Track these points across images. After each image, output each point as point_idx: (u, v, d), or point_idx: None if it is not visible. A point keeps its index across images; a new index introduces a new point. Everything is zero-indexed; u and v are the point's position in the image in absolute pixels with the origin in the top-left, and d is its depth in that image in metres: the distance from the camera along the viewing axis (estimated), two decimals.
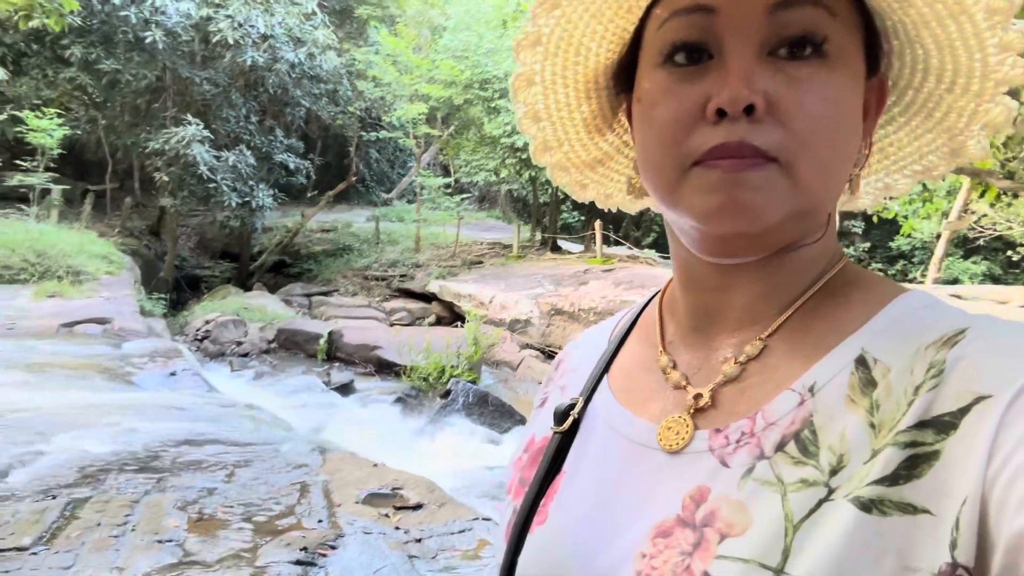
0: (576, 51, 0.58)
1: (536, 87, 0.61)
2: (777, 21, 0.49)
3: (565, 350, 0.77)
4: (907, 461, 0.44)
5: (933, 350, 0.47)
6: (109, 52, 16.31)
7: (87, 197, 18.91)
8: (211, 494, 4.82)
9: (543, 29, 0.56)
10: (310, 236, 20.99)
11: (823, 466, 0.47)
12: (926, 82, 0.57)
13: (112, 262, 14.28)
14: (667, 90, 0.51)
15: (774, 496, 0.47)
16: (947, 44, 0.53)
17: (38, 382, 7.98)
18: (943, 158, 0.60)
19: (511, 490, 0.68)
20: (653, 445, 0.56)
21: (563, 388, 0.71)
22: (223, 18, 16.03)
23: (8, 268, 12.72)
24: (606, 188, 0.70)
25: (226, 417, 7.12)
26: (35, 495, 4.65)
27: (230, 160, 16.41)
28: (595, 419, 0.63)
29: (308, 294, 17.12)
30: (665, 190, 0.53)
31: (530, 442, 0.69)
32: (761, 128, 0.48)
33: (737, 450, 0.51)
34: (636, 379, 0.63)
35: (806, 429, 0.49)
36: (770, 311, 0.56)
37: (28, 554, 3.67)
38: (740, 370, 0.55)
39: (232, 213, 16.95)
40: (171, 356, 9.80)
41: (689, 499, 0.51)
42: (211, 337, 12.93)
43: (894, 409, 0.46)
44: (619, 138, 0.67)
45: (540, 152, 0.65)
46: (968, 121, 0.56)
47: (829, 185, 0.52)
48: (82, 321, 11.34)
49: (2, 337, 10.29)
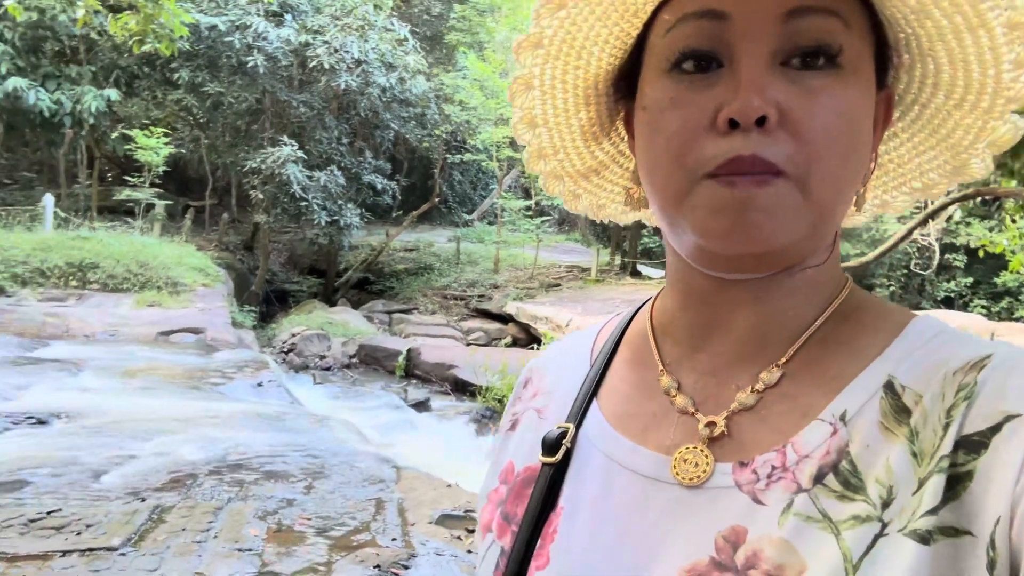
0: (578, 55, 0.56)
1: (534, 91, 0.59)
2: (791, 29, 0.47)
3: (532, 368, 0.71)
4: (947, 484, 0.43)
5: (961, 375, 0.46)
6: (214, 75, 17.22)
7: (188, 212, 19.93)
8: (290, 505, 4.92)
9: (545, 31, 0.54)
10: (393, 255, 21.45)
11: (874, 499, 0.45)
12: (935, 97, 0.55)
13: (208, 275, 14.94)
14: (675, 98, 0.49)
15: (822, 533, 0.45)
16: (961, 59, 0.51)
17: (135, 388, 8.39)
18: (945, 175, 0.58)
19: (492, 527, 0.62)
20: (667, 479, 0.52)
21: (540, 411, 0.66)
22: (320, 44, 16.68)
23: (113, 277, 13.49)
24: (599, 199, 0.67)
25: (307, 429, 7.29)
26: (126, 497, 4.86)
27: (321, 180, 16.98)
28: (590, 448, 0.58)
29: (389, 311, 17.46)
30: (672, 202, 0.51)
31: (507, 471, 0.64)
32: (773, 140, 0.46)
33: (771, 485, 0.48)
34: (633, 403, 0.59)
35: (844, 460, 0.47)
36: (781, 335, 0.54)
37: (117, 554, 3.82)
38: (757, 399, 0.52)
39: (321, 231, 17.50)
40: (258, 367, 10.13)
41: (723, 540, 0.48)
42: (296, 350, 13.32)
43: (932, 436, 0.45)
44: (615, 147, 0.65)
45: (535, 159, 0.63)
46: (974, 139, 0.55)
47: (839, 201, 0.50)
48: (178, 330, 11.90)
49: (105, 343, 10.90)
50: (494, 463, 0.67)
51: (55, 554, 3.77)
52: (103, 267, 13.57)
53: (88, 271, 13.45)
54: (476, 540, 0.65)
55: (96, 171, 20.06)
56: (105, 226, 16.74)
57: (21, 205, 17.40)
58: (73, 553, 3.80)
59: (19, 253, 13.11)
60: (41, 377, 8.42)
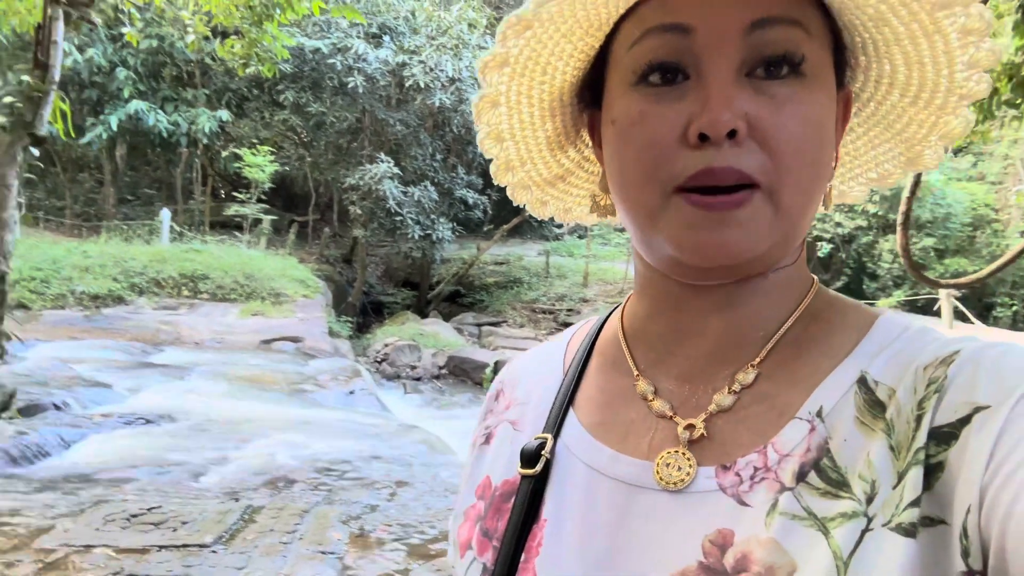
0: (543, 70, 0.56)
1: (500, 108, 0.59)
2: (755, 40, 0.47)
3: (502, 379, 0.71)
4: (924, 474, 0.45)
5: (932, 369, 0.47)
6: (317, 96, 18.01)
7: (292, 227, 20.87)
8: (373, 511, 5.02)
9: (511, 50, 0.54)
10: (484, 268, 21.71)
11: (858, 495, 0.46)
12: (890, 96, 0.57)
13: (308, 286, 15.56)
14: (643, 111, 0.50)
15: (810, 531, 0.46)
16: (916, 61, 0.52)
17: (237, 393, 8.82)
18: (899, 166, 0.60)
19: (472, 544, 0.60)
20: (650, 484, 0.52)
21: (514, 423, 0.65)
22: (416, 63, 17.17)
23: (221, 288, 14.26)
24: (565, 203, 0.68)
25: (395, 437, 7.44)
26: (221, 497, 5.09)
27: (415, 195, 17.42)
28: (569, 458, 0.58)
29: (479, 324, 17.67)
30: (644, 215, 0.51)
31: (484, 486, 0.63)
32: (745, 151, 0.47)
33: (754, 486, 0.49)
34: (611, 411, 0.59)
35: (825, 457, 0.48)
36: (754, 336, 0.55)
37: (209, 551, 4.00)
38: (734, 399, 0.53)
39: (415, 244, 17.93)
40: (351, 376, 10.45)
41: (710, 544, 0.48)
42: (389, 360, 13.67)
43: (907, 428, 0.46)
44: (579, 153, 0.66)
45: (503, 172, 0.63)
46: (927, 132, 0.57)
47: (809, 208, 0.51)
48: (278, 339, 12.44)
49: (212, 350, 11.52)
50: (469, 479, 0.66)
51: (153, 548, 3.98)
52: (213, 278, 14.38)
53: (199, 282, 14.29)
54: (452, 559, 0.64)
55: (209, 188, 21.34)
56: (216, 240, 17.74)
57: (142, 220, 18.69)
58: (169, 548, 4.01)
59: (137, 264, 14.08)
60: (153, 381, 8.99)
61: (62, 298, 12.68)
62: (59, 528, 4.24)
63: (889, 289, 20.95)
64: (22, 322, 9.20)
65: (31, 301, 12.30)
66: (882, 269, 21.45)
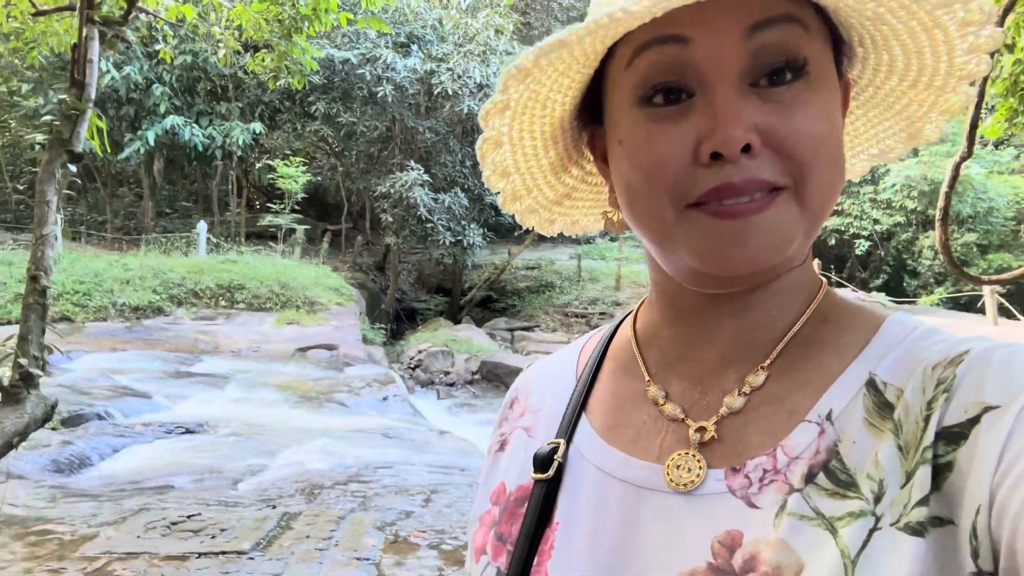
0: (543, 106, 0.56)
1: (504, 147, 0.59)
2: (756, 44, 0.47)
3: (517, 387, 0.72)
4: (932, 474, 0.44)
5: (941, 369, 0.47)
6: (347, 106, 18.22)
7: (325, 236, 21.13)
8: (408, 517, 5.04)
9: (512, 95, 0.54)
10: (515, 273, 21.73)
11: (866, 495, 0.46)
12: (889, 80, 0.57)
13: (342, 294, 15.74)
14: (650, 131, 0.49)
15: (818, 531, 0.46)
16: (915, 51, 0.52)
17: (273, 401, 8.94)
18: (900, 141, 0.61)
19: (487, 549, 0.61)
20: (660, 487, 0.53)
21: (528, 429, 0.66)
22: (444, 71, 17.29)
23: (257, 297, 14.49)
24: (572, 217, 0.69)
25: (429, 443, 7.47)
26: (258, 504, 5.16)
27: (446, 202, 17.51)
28: (581, 462, 0.58)
29: (511, 329, 17.68)
30: (658, 231, 0.51)
31: (499, 492, 0.64)
32: (763, 162, 0.47)
33: (763, 488, 0.49)
34: (622, 415, 0.59)
35: (834, 459, 0.48)
36: (764, 338, 0.55)
37: (246, 558, 4.05)
38: (745, 401, 0.53)
39: (446, 251, 18.03)
40: (385, 382, 10.53)
41: (719, 545, 0.48)
42: (422, 366, 13.75)
43: (915, 428, 0.46)
44: (582, 170, 0.66)
45: (510, 202, 0.64)
46: (927, 110, 0.57)
47: (832, 201, 0.51)
48: (313, 347, 12.60)
49: (249, 359, 11.70)
50: (484, 485, 0.67)
51: (192, 555, 4.04)
52: (249, 288, 14.62)
53: (236, 292, 14.54)
54: (468, 565, 0.64)
55: (244, 199, 21.71)
56: (251, 250, 18.04)
57: (180, 232, 19.08)
58: (208, 555, 4.07)
59: (176, 276, 14.38)
60: (192, 390, 9.16)
61: (104, 310, 12.99)
62: (102, 536, 4.33)
63: (931, 287, 20.48)
64: (65, 335, 9.44)
65: (74, 314, 12.62)
66: (923, 266, 20.98)
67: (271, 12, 6.49)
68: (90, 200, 22.75)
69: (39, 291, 3.24)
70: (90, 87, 3.63)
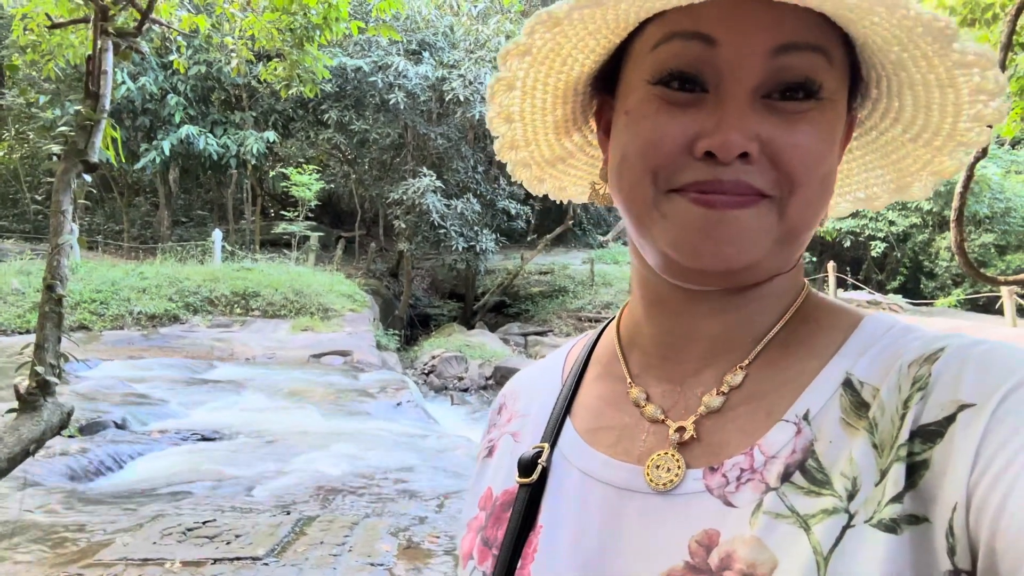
0: (563, 61, 0.57)
1: (515, 92, 0.60)
2: (778, 64, 0.48)
3: (505, 394, 0.73)
4: (906, 473, 0.44)
5: (916, 367, 0.48)
6: (359, 114, 18.33)
7: (339, 243, 21.24)
8: (422, 522, 5.05)
9: (536, 42, 0.54)
10: (528, 278, 21.73)
11: (840, 492, 0.46)
12: (892, 129, 0.58)
13: (356, 300, 15.80)
14: (658, 109, 0.50)
15: (793, 528, 0.46)
16: (924, 106, 0.53)
17: (288, 407, 8.98)
18: (887, 192, 0.62)
19: (473, 554, 0.62)
20: (640, 487, 0.53)
21: (515, 435, 0.66)
22: (456, 78, 17.35)
23: (272, 304, 14.58)
24: (561, 182, 0.69)
25: (442, 449, 7.48)
26: (273, 509, 5.18)
27: (458, 207, 17.56)
28: (565, 466, 0.59)
29: (524, 333, 17.67)
30: (638, 209, 0.52)
31: (486, 498, 0.64)
32: (755, 169, 0.48)
33: (740, 487, 0.49)
34: (605, 417, 0.60)
35: (810, 458, 0.48)
36: (744, 339, 0.56)
37: (261, 564, 4.07)
38: (723, 401, 0.54)
39: (458, 256, 18.07)
40: (398, 388, 10.55)
41: (696, 544, 0.48)
42: (436, 372, 13.77)
43: (890, 427, 0.46)
44: (583, 138, 0.67)
45: (506, 150, 0.65)
46: (920, 168, 0.58)
47: (813, 222, 0.52)
48: (327, 353, 12.64)
49: (264, 365, 11.76)
50: (472, 491, 0.67)
51: (207, 561, 4.07)
52: (263, 295, 14.71)
53: (250, 299, 14.63)
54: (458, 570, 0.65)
55: (259, 207, 21.87)
56: (266, 258, 18.16)
57: (195, 241, 19.24)
58: (223, 561, 4.09)
59: (191, 284, 14.49)
60: (207, 397, 9.22)
61: (121, 318, 13.12)
62: (118, 542, 4.36)
63: (948, 288, 20.28)
64: (82, 343, 9.53)
65: (91, 322, 12.75)
66: (940, 268, 20.78)
67: (283, 22, 6.54)
68: (107, 210, 23.00)
69: (55, 300, 3.28)
70: (104, 98, 3.67)
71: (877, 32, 0.48)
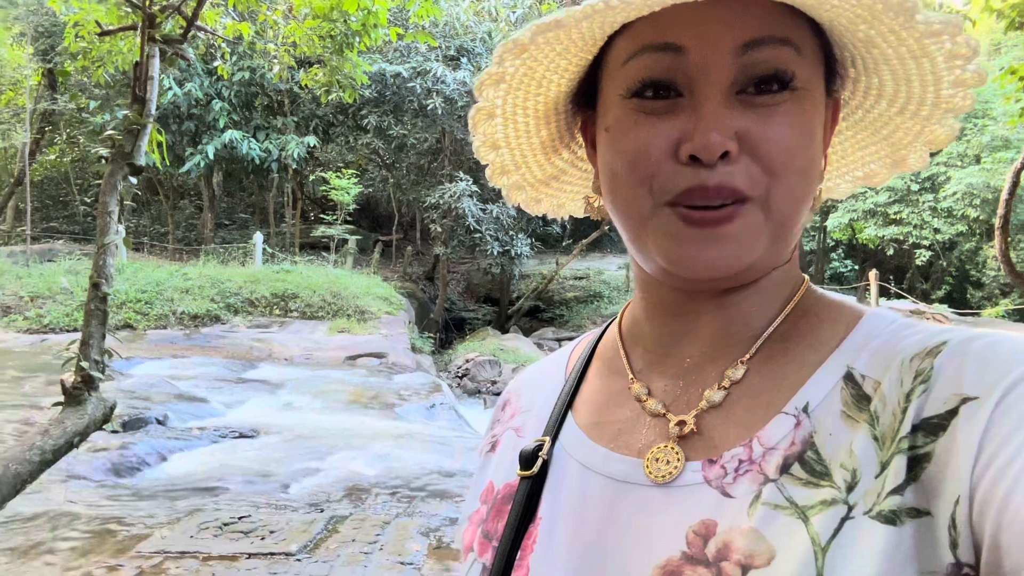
0: (538, 84, 0.57)
1: (496, 120, 0.60)
2: (746, 61, 0.48)
3: (510, 390, 0.74)
4: (908, 465, 0.45)
5: (918, 360, 0.48)
6: (398, 119, 18.53)
7: (376, 246, 21.48)
8: (452, 523, 5.08)
9: (508, 69, 0.55)
10: (563, 283, 21.71)
11: (839, 484, 0.46)
12: (878, 105, 0.58)
13: (392, 303, 15.95)
14: (637, 123, 0.51)
15: (791, 520, 0.46)
16: (904, 78, 0.54)
17: (323, 407, 9.10)
18: (885, 167, 0.62)
19: (473, 547, 0.62)
20: (640, 480, 0.54)
21: (518, 430, 0.67)
22: None
23: (310, 306, 14.79)
24: (558, 199, 0.70)
25: (474, 451, 7.49)
26: (307, 507, 5.26)
27: (494, 212, 17.63)
28: (566, 459, 0.60)
29: (559, 338, 17.64)
30: (634, 224, 0.53)
31: (488, 492, 0.65)
32: (736, 168, 0.49)
33: (738, 478, 0.50)
34: (606, 412, 0.61)
35: (809, 450, 0.48)
36: (745, 334, 0.56)
37: (293, 560, 4.14)
38: (724, 395, 0.54)
39: (494, 260, 18.14)
40: (432, 391, 10.62)
41: (694, 534, 0.49)
42: (469, 375, 13.82)
43: (892, 420, 0.47)
44: (573, 154, 0.67)
45: (497, 175, 0.65)
46: (913, 139, 0.58)
47: (799, 214, 0.52)
48: (363, 355, 12.77)
49: (301, 366, 11.93)
50: (474, 486, 0.68)
51: (241, 556, 4.15)
52: (302, 297, 14.94)
53: (289, 301, 14.86)
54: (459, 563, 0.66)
55: (299, 211, 22.22)
56: (305, 260, 18.44)
57: (237, 243, 19.63)
58: (257, 556, 4.17)
59: (233, 286, 14.78)
60: (247, 396, 9.39)
61: (164, 318, 13.44)
62: (156, 535, 4.48)
63: (996, 298, 19.71)
64: (127, 341, 9.80)
65: (136, 321, 13.08)
66: (987, 277, 20.21)
67: (323, 28, 6.66)
68: (153, 212, 23.60)
69: (100, 298, 3.38)
70: (150, 103, 3.78)
71: (840, 14, 0.49)
